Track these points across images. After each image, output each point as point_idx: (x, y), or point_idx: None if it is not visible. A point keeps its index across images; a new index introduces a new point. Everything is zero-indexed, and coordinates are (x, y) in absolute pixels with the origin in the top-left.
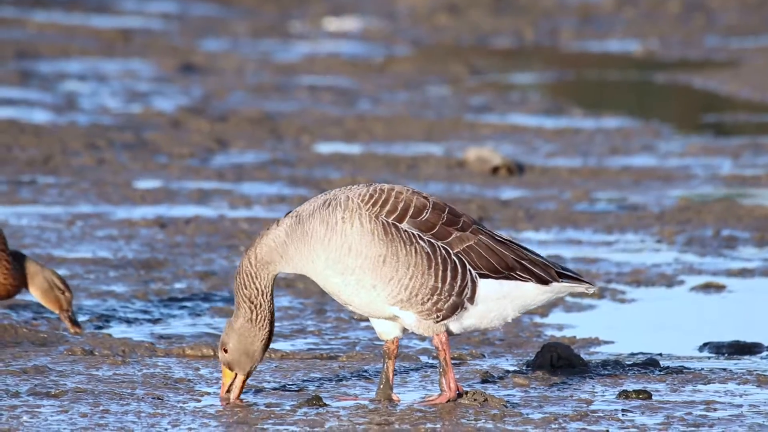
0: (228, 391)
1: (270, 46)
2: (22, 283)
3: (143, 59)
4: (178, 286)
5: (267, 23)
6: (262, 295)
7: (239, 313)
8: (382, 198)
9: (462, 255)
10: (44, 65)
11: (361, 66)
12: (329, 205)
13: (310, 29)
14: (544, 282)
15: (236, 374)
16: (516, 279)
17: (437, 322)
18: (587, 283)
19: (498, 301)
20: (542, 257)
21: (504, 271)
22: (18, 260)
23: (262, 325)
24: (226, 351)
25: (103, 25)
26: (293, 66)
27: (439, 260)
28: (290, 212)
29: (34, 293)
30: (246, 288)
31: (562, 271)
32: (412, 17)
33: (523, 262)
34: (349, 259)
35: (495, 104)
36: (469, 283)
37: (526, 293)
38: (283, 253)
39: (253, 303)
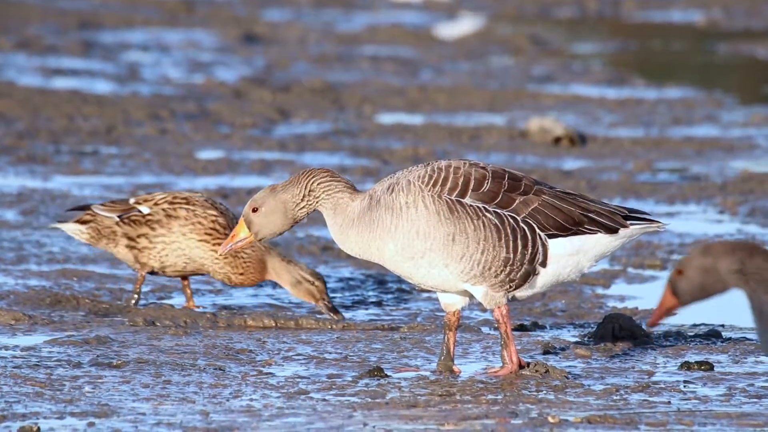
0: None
1: (332, 15)
2: (261, 276)
3: (206, 29)
4: None
5: None
6: (317, 201)
7: (289, 188)
8: (442, 176)
9: (529, 219)
10: (107, 35)
11: (423, 36)
12: (392, 190)
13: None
14: (613, 231)
15: (249, 234)
16: (585, 233)
17: (510, 291)
18: (657, 222)
19: (570, 257)
20: (608, 205)
21: (572, 227)
22: (261, 252)
23: (302, 213)
24: (255, 210)
25: None
26: (355, 36)
27: (508, 230)
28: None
29: (286, 288)
30: (317, 184)
31: (630, 214)
32: None
33: (590, 214)
34: (419, 243)
35: (557, 74)
36: (540, 248)
37: (598, 244)
38: (345, 228)
39: (309, 196)
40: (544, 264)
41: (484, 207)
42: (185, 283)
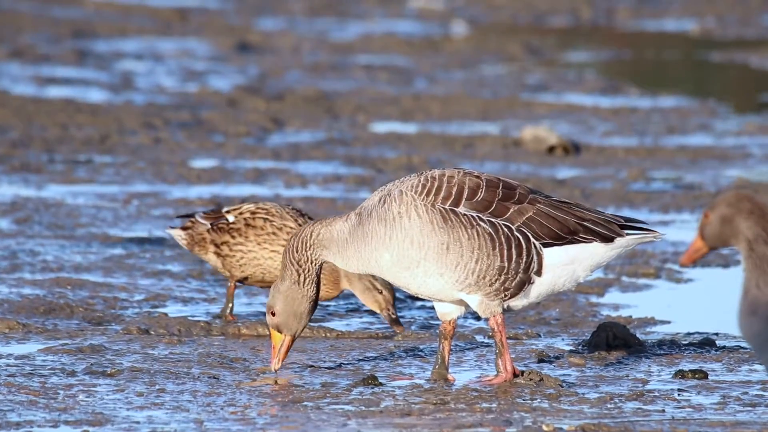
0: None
1: (326, 24)
2: (336, 287)
3: (199, 38)
4: None
5: (323, 2)
6: (311, 263)
7: (285, 275)
8: (435, 185)
9: (524, 228)
10: (101, 44)
11: (417, 45)
12: (384, 201)
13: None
14: (608, 240)
15: (284, 336)
16: (580, 242)
17: (504, 300)
18: (653, 231)
19: (565, 266)
20: (604, 213)
21: (567, 236)
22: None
23: (310, 287)
24: (273, 314)
25: (159, 4)
26: (349, 45)
27: (503, 239)
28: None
29: (357, 295)
30: (297, 252)
31: (626, 224)
32: None
33: (585, 223)
34: (413, 252)
35: (551, 83)
36: (535, 257)
37: (594, 254)
38: (342, 250)
39: (301, 267)
40: (539, 273)
41: (478, 216)
42: None
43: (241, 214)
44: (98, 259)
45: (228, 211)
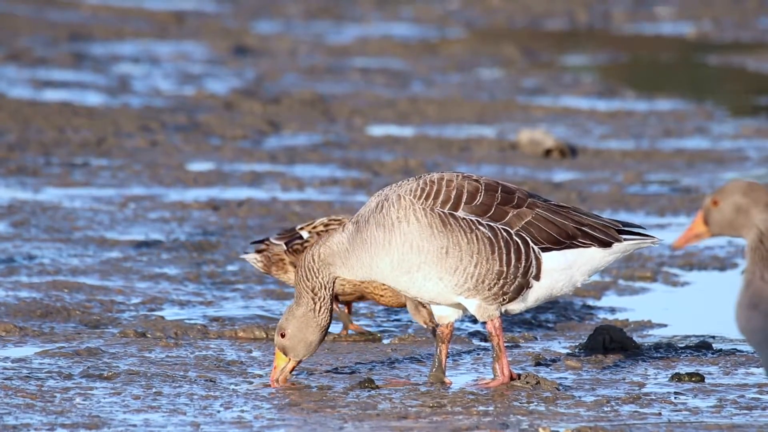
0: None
1: (323, 27)
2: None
3: (196, 41)
4: (230, 268)
5: (320, 5)
6: (324, 288)
7: (301, 302)
8: (434, 189)
9: (522, 233)
10: (97, 47)
11: (413, 48)
12: (382, 207)
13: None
14: (606, 245)
15: (289, 359)
16: (578, 246)
17: (502, 305)
18: (651, 237)
19: (563, 271)
20: (602, 218)
21: (565, 240)
22: None
23: (324, 317)
24: (283, 336)
25: (156, 7)
26: (346, 48)
27: (502, 243)
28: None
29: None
30: (308, 280)
31: (624, 229)
32: None
33: (583, 228)
34: (413, 256)
35: (548, 86)
36: (534, 261)
37: (591, 259)
38: (345, 261)
39: (316, 294)
40: (537, 277)
41: (477, 220)
42: (346, 310)
43: (314, 228)
44: (95, 262)
45: (301, 228)
